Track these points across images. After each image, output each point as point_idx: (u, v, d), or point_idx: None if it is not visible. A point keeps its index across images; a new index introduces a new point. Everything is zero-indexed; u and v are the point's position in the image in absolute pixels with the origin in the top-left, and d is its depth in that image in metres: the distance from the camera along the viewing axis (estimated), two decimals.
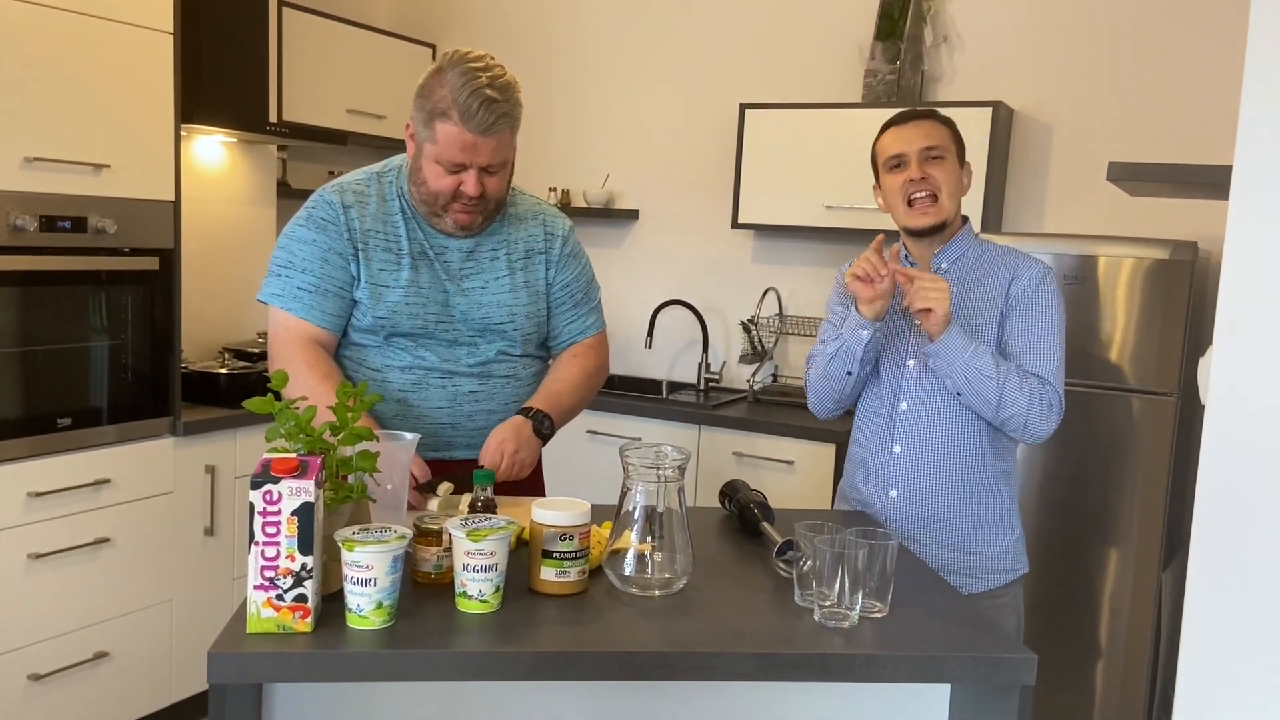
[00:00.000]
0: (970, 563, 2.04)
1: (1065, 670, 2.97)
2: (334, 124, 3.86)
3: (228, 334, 3.65)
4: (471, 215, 1.91)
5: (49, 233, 2.63)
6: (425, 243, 1.96)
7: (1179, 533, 3.06)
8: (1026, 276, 2.01)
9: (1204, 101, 3.22)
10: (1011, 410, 1.92)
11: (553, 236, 2.07)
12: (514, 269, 2.01)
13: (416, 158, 1.90)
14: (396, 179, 1.99)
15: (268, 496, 1.29)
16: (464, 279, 1.98)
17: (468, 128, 1.80)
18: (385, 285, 1.92)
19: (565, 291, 2.09)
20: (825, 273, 3.82)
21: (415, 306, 1.93)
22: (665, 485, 1.50)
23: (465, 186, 1.86)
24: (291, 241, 1.93)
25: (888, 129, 2.06)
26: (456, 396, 1.98)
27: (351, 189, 1.97)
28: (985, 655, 1.34)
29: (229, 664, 1.26)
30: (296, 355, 1.88)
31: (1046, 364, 1.96)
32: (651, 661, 1.31)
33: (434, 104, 1.82)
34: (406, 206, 1.96)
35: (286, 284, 1.91)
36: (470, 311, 1.97)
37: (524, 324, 2.02)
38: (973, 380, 1.91)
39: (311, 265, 1.91)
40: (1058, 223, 3.45)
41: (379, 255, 1.93)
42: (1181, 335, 2.82)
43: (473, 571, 1.39)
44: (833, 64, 3.77)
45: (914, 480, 2.03)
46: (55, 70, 2.63)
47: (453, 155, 1.83)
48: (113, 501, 2.81)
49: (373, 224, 1.94)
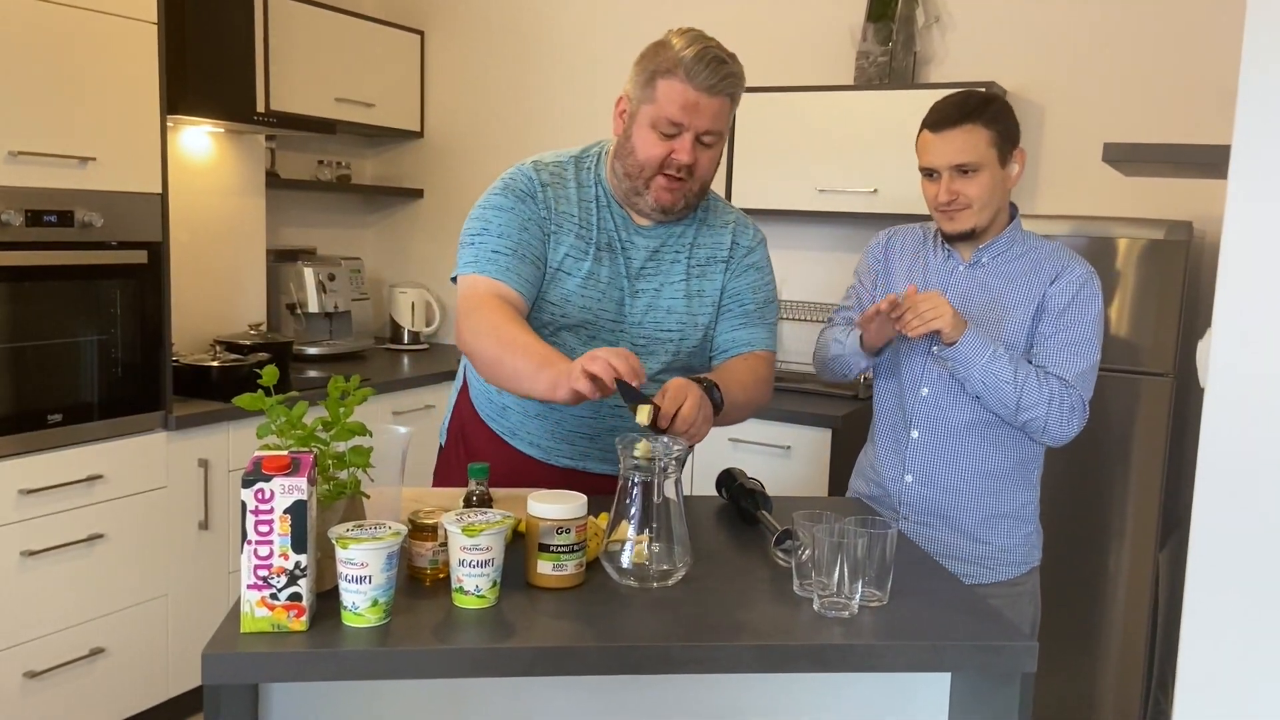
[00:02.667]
0: (983, 552, 2.03)
1: (1062, 651, 2.98)
2: (322, 113, 3.83)
3: (219, 326, 3.63)
4: (674, 194, 1.79)
5: (35, 227, 2.60)
6: (614, 234, 1.86)
7: (1175, 513, 3.06)
8: (1067, 279, 1.97)
9: (1199, 80, 3.20)
10: (1030, 414, 1.90)
11: (737, 245, 1.94)
12: (690, 275, 1.90)
13: (627, 130, 1.80)
14: (595, 166, 1.90)
15: (260, 495, 1.27)
16: (640, 279, 1.88)
17: (692, 84, 1.72)
18: (567, 272, 1.83)
19: (735, 300, 1.93)
20: (818, 256, 3.81)
21: (590, 300, 1.84)
22: (663, 476, 1.48)
23: (677, 154, 1.75)
24: (486, 210, 1.82)
25: (925, 127, 1.98)
26: (601, 408, 1.87)
27: (549, 169, 1.88)
28: (986, 643, 1.33)
29: (223, 664, 1.24)
30: (484, 305, 1.72)
31: (1073, 367, 1.93)
32: (651, 655, 1.30)
33: (657, 64, 1.75)
34: (603, 194, 1.88)
35: (479, 250, 1.79)
36: (641, 315, 1.87)
37: (693, 335, 1.91)
38: (990, 385, 1.90)
39: (508, 230, 1.79)
40: (1051, 204, 3.43)
41: (568, 241, 1.83)
42: (1177, 316, 2.81)
43: (469, 567, 1.37)
44: (824, 46, 3.74)
45: (930, 466, 2.03)
46: (38, 63, 2.59)
47: (672, 113, 1.73)
48: (105, 497, 2.80)
49: (568, 207, 1.85)
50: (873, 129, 3.34)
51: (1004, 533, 2.03)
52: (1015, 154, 1.99)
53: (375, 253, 4.64)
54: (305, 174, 4.23)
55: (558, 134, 4.18)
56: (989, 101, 1.96)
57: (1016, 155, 1.99)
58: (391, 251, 4.66)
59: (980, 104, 1.95)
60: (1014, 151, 1.98)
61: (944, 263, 2.07)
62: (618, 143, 1.85)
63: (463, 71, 4.42)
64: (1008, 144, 1.96)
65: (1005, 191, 2.00)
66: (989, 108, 1.95)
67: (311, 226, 4.33)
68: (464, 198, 4.38)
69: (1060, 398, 1.90)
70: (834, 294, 3.80)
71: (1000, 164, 1.96)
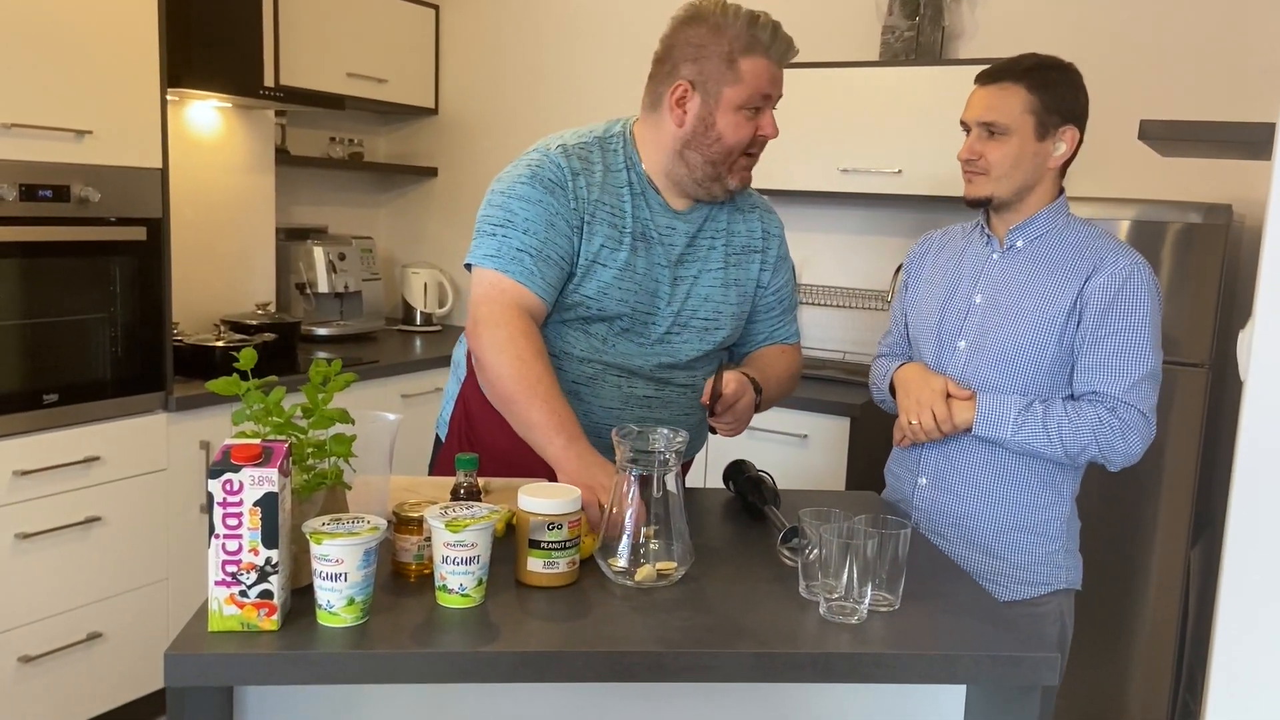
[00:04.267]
0: (995, 568, 1.89)
1: (1089, 648, 2.87)
2: (333, 88, 3.75)
3: (225, 305, 3.57)
4: (751, 170, 1.83)
5: (29, 202, 2.53)
6: (650, 221, 1.81)
7: (1208, 510, 2.94)
8: (1108, 272, 1.78)
9: (1241, 56, 3.06)
10: (1084, 454, 1.79)
11: (770, 235, 1.95)
12: (729, 263, 1.88)
13: (705, 118, 1.75)
14: (623, 148, 1.82)
15: (228, 486, 1.20)
16: (681, 265, 1.84)
17: (772, 58, 1.74)
18: (603, 264, 1.76)
19: (776, 297, 1.97)
20: (841, 239, 3.70)
21: (626, 292, 1.78)
22: (661, 470, 1.40)
23: (764, 129, 1.77)
24: (512, 200, 1.73)
25: (977, 80, 1.88)
26: (630, 399, 1.83)
27: (577, 153, 1.78)
28: (1004, 654, 1.24)
29: (187, 666, 1.18)
30: (512, 321, 1.68)
31: (1120, 381, 1.77)
32: (643, 662, 1.21)
33: (729, 44, 1.72)
34: (636, 179, 1.81)
35: (504, 244, 1.71)
36: (677, 303, 1.83)
37: (727, 324, 1.89)
38: (1029, 451, 1.81)
39: (535, 227, 1.71)
40: (1083, 185, 3.31)
41: (603, 230, 1.76)
42: (1214, 304, 2.68)
43: (452, 564, 1.29)
44: (848, 20, 3.62)
45: (944, 470, 1.91)
46: (33, 31, 2.52)
47: (764, 88, 1.75)
48: (104, 479, 2.74)
49: (600, 194, 1.77)
50: (898, 107, 3.23)
51: (1022, 548, 1.88)
52: (1062, 131, 1.82)
53: (388, 232, 4.57)
54: (316, 151, 4.16)
55: (576, 111, 4.08)
56: (1044, 67, 1.82)
57: (1063, 133, 1.82)
58: (404, 231, 4.58)
59: (1032, 66, 1.82)
60: (1061, 128, 1.82)
61: (981, 250, 1.94)
62: (689, 134, 1.77)
63: (478, 47, 4.33)
64: (1052, 115, 1.81)
65: (1038, 168, 1.84)
66: (1039, 72, 1.81)
67: (322, 205, 4.26)
68: (479, 177, 4.30)
69: (1106, 424, 1.76)
70: (855, 278, 3.70)
71: (1036, 135, 1.81)
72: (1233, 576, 1.07)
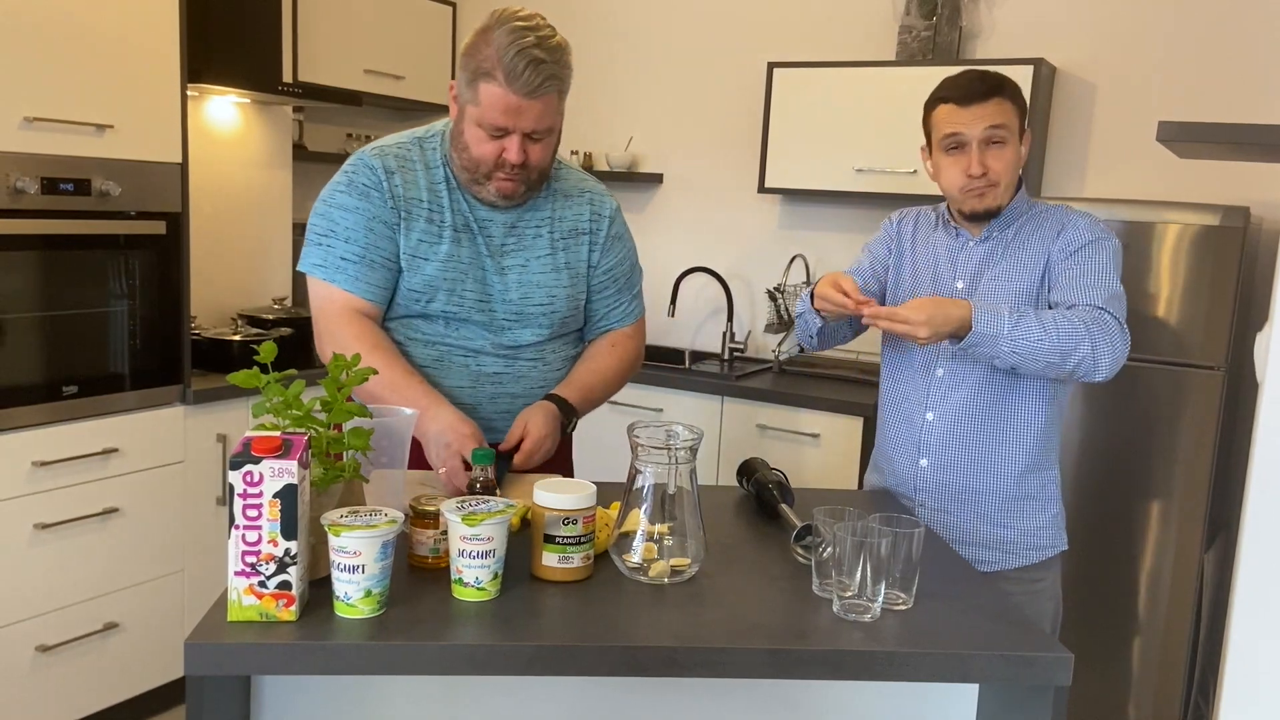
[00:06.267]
0: (1003, 536, 1.94)
1: (1101, 650, 2.87)
2: (351, 84, 3.76)
3: (243, 299, 3.59)
4: (514, 183, 1.80)
5: (50, 195, 2.56)
6: (469, 215, 1.85)
7: (1223, 513, 2.93)
8: (1075, 228, 1.90)
9: (1260, 57, 3.05)
10: (1077, 354, 1.75)
11: (599, 217, 1.96)
12: (556, 248, 1.91)
13: (459, 121, 1.79)
14: (440, 145, 1.87)
15: (248, 478, 1.21)
16: (505, 255, 1.87)
17: (512, 89, 1.70)
18: (423, 258, 1.82)
19: (609, 276, 1.99)
20: (855, 239, 3.70)
21: (452, 282, 1.83)
22: (676, 466, 1.40)
23: (507, 154, 1.75)
24: (331, 209, 1.82)
25: (949, 101, 1.89)
26: (480, 377, 1.88)
27: (393, 153, 1.84)
28: (1017, 653, 1.24)
29: (207, 655, 1.18)
30: (343, 328, 1.79)
31: (1098, 294, 1.82)
32: (656, 657, 1.22)
33: (478, 64, 1.72)
34: (451, 175, 1.85)
35: (328, 254, 1.81)
36: (508, 292, 1.87)
37: (563, 307, 1.91)
38: (1024, 350, 1.75)
39: (355, 234, 1.80)
40: (1100, 186, 3.30)
41: (420, 226, 1.82)
42: (1230, 306, 2.67)
43: (469, 558, 1.30)
44: (865, 20, 3.62)
45: (946, 449, 1.94)
46: (55, 26, 2.54)
47: (495, 119, 1.72)
48: (121, 471, 2.76)
49: (415, 192, 1.83)
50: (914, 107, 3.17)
51: (1029, 515, 1.95)
52: (1025, 132, 1.94)
53: None
54: (334, 147, 4.18)
55: (590, 110, 4.09)
56: (1006, 79, 1.91)
57: (1025, 136, 1.94)
58: None
59: (1002, 79, 1.90)
60: (1025, 132, 1.94)
61: (954, 240, 2.00)
62: (453, 129, 1.83)
63: None
64: (1023, 121, 1.93)
65: (1019, 170, 1.94)
66: (1010, 84, 1.91)
67: None
68: None
69: (1098, 321, 1.78)
70: None
71: (1020, 141, 1.91)
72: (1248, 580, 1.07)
